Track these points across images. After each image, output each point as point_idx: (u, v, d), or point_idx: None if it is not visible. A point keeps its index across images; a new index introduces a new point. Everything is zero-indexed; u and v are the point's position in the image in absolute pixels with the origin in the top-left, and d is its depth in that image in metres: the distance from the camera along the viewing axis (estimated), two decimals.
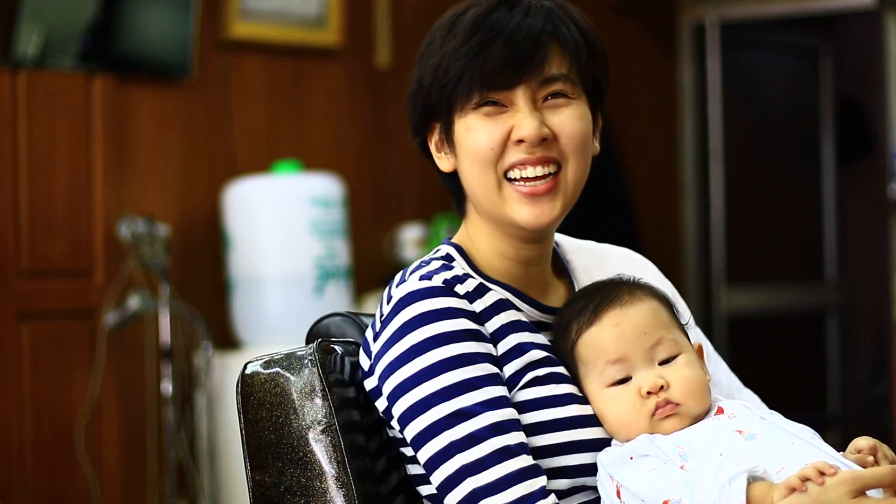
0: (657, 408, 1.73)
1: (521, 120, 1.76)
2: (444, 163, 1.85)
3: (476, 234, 1.86)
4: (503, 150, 1.78)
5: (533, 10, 1.78)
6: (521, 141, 1.76)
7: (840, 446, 1.76)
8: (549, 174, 1.79)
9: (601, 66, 1.82)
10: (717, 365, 2.02)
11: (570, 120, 1.79)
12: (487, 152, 1.77)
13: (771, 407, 1.97)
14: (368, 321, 1.94)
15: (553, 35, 1.77)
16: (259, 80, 5.43)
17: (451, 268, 1.82)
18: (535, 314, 1.84)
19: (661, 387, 1.74)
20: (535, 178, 1.78)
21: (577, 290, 1.90)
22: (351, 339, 1.92)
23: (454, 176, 1.85)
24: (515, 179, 1.79)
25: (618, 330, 1.77)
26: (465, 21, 1.78)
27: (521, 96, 1.77)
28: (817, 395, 7.61)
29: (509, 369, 1.76)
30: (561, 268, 1.94)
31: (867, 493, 1.58)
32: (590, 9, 1.82)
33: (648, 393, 1.74)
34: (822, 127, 7.60)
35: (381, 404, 1.80)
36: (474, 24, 1.77)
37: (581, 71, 1.79)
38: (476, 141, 1.78)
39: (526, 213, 1.79)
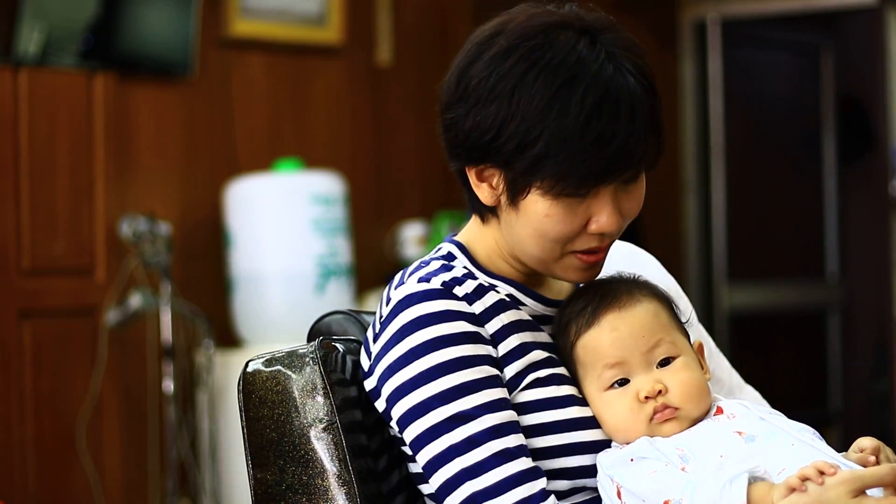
0: (655, 412, 1.73)
1: (603, 215, 1.72)
2: (485, 195, 1.77)
3: (489, 239, 1.83)
4: (578, 235, 1.74)
5: (634, 87, 1.70)
6: (601, 233, 1.73)
7: (841, 444, 1.76)
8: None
9: None
10: (718, 361, 2.01)
11: (639, 202, 1.77)
12: (563, 239, 1.74)
13: (772, 404, 1.97)
14: (370, 319, 1.94)
15: (653, 122, 1.71)
16: (260, 78, 5.43)
17: (451, 268, 1.81)
18: (539, 308, 1.83)
19: (659, 391, 1.73)
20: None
21: (580, 283, 1.90)
22: (352, 337, 1.92)
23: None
24: (580, 251, 1.76)
25: (615, 333, 1.76)
26: (575, 100, 1.66)
27: (610, 187, 1.72)
28: (818, 393, 7.62)
29: (510, 370, 1.76)
30: None
31: (867, 492, 1.58)
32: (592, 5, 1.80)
33: (647, 397, 1.73)
34: (824, 124, 7.60)
35: (380, 405, 1.80)
36: (588, 114, 1.66)
37: (657, 147, 1.75)
38: (552, 228, 1.72)
39: (578, 276, 1.78)
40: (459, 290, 1.77)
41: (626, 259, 1.98)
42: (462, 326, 1.74)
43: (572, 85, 1.68)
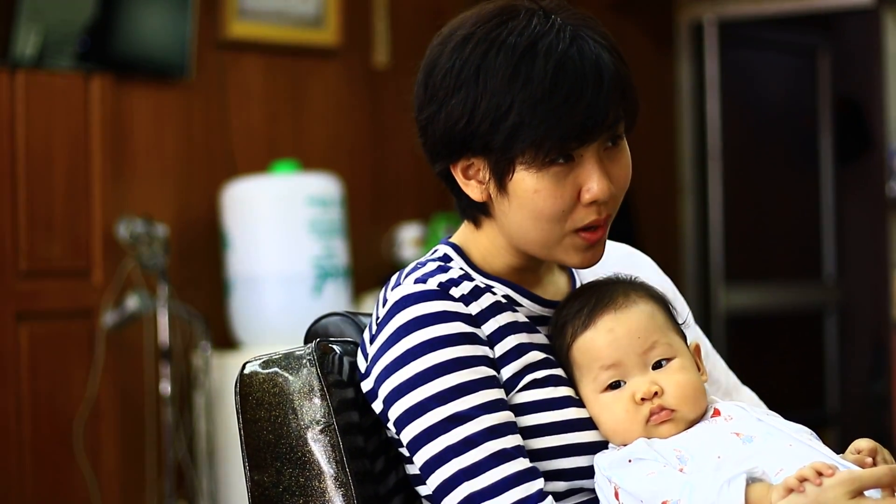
0: (651, 414, 1.73)
1: (592, 181, 1.73)
2: (474, 192, 1.79)
3: (484, 240, 1.84)
4: (573, 209, 1.74)
5: (595, 48, 1.72)
6: (592, 202, 1.74)
7: (839, 445, 1.76)
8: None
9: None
10: (715, 362, 2.01)
11: (626, 168, 1.78)
12: (559, 215, 1.74)
13: (769, 405, 1.97)
14: (367, 321, 1.93)
15: (620, 80, 1.73)
16: (257, 79, 5.43)
17: (448, 269, 1.81)
18: (536, 309, 1.83)
19: (655, 393, 1.73)
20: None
21: (577, 282, 1.90)
22: (349, 339, 1.92)
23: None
24: (581, 229, 1.76)
25: (611, 335, 1.76)
26: (538, 65, 1.70)
27: (592, 151, 1.73)
28: (816, 394, 7.62)
29: (507, 371, 1.76)
30: None
31: (865, 493, 1.58)
32: (588, 7, 1.81)
33: (643, 399, 1.73)
34: (821, 125, 7.60)
35: (377, 406, 1.80)
36: (554, 75, 1.70)
37: (629, 106, 1.77)
38: (546, 205, 1.73)
39: (581, 258, 1.78)
40: (456, 292, 1.77)
41: (622, 260, 1.98)
42: (459, 327, 1.74)
43: (533, 54, 1.71)
